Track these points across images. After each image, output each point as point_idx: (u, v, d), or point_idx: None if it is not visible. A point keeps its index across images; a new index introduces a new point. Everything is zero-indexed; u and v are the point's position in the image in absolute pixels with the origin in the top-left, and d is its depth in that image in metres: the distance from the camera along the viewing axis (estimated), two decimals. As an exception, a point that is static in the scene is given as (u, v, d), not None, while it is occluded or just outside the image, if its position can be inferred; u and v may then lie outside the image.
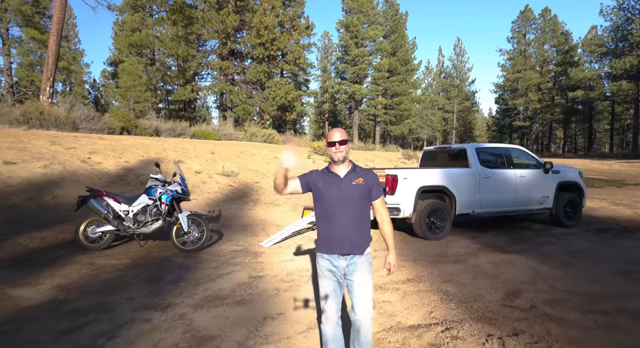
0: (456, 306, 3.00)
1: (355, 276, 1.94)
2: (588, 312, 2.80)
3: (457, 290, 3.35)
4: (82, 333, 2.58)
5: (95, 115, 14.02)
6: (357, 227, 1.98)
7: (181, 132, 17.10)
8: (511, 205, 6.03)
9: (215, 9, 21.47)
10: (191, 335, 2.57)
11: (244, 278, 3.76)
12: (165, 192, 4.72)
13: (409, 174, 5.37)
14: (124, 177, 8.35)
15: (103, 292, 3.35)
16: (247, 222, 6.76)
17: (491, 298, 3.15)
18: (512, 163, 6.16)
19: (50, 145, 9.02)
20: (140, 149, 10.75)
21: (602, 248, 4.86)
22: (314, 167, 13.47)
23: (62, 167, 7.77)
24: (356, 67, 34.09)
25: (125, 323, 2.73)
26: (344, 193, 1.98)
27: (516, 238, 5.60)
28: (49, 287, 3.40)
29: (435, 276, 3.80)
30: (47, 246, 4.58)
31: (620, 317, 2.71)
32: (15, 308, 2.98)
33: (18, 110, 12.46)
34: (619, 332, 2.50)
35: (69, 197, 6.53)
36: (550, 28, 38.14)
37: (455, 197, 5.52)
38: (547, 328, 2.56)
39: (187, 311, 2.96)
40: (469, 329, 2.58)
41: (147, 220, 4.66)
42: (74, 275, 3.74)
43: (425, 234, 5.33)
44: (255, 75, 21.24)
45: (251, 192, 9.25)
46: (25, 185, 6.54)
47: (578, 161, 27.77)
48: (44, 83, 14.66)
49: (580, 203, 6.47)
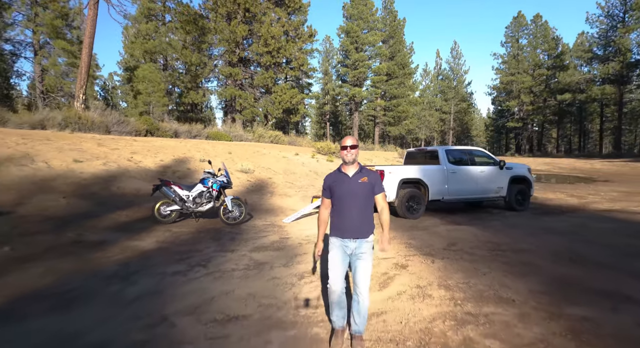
0: (414, 249, 4.80)
1: (360, 263, 2.37)
2: (491, 250, 4.60)
3: (417, 243, 5.15)
4: (189, 260, 4.38)
5: (124, 119, 15.82)
6: (363, 216, 2.41)
7: (197, 134, 18.87)
8: (473, 193, 7.82)
9: (226, 20, 23.26)
10: (253, 262, 4.37)
11: (276, 239, 5.56)
12: (215, 181, 6.53)
13: (393, 169, 7.16)
14: (163, 173, 10.11)
15: (188, 244, 5.15)
16: (268, 207, 8.55)
17: (437, 246, 4.95)
18: (474, 161, 7.95)
19: (98, 147, 10.81)
20: (169, 150, 12.52)
21: (530, 222, 6.68)
22: (318, 166, 15.32)
23: (116, 165, 9.57)
24: (356, 71, 35.86)
25: (211, 258, 4.53)
26: (352, 189, 2.40)
27: (473, 218, 7.40)
28: (152, 241, 5.20)
29: (405, 237, 5.59)
30: (132, 220, 6.38)
31: (508, 252, 4.52)
32: (139, 250, 4.78)
33: (60, 115, 14.21)
34: (502, 257, 4.30)
35: (129, 188, 8.34)
36: (541, 33, 39.94)
37: (428, 187, 7.32)
38: (462, 256, 4.37)
39: (246, 253, 4.76)
40: (418, 258, 4.38)
41: (202, 202, 6.46)
42: (163, 236, 5.54)
43: (405, 214, 7.13)
44: (263, 81, 23.02)
45: (267, 186, 11.05)
46: (94, 179, 8.35)
47: (565, 160, 29.55)
48: (78, 91, 16.49)
49: (529, 193, 8.27)
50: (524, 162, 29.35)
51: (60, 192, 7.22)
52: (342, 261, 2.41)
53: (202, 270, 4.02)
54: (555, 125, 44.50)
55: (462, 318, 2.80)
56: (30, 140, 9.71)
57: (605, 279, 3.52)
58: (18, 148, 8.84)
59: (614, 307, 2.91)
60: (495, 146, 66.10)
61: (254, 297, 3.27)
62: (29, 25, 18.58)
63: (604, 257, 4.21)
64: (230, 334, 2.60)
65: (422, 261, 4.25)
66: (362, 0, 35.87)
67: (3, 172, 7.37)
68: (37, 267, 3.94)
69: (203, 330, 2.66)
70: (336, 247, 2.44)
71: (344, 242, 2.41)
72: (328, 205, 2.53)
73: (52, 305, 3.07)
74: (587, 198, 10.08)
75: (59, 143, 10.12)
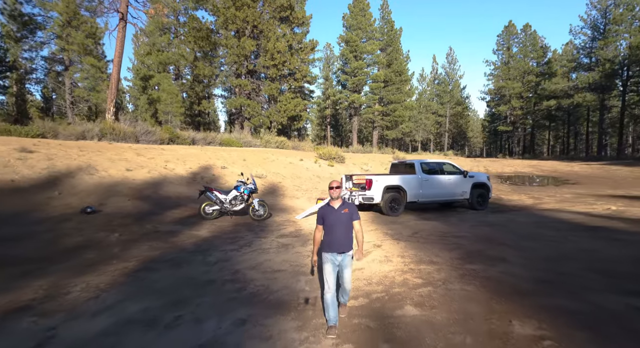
0: (388, 236, 7.00)
1: (345, 270, 3.34)
2: (440, 236, 6.81)
3: (391, 232, 7.36)
4: (238, 243, 6.58)
5: (151, 130, 18.00)
6: (345, 236, 3.31)
7: (211, 141, 21.01)
8: (442, 196, 10.03)
9: (235, 35, 25.44)
10: (280, 244, 6.56)
11: (292, 230, 7.76)
12: (246, 188, 8.73)
13: (379, 178, 9.36)
14: (193, 179, 12.30)
15: (232, 233, 7.36)
16: (282, 207, 10.76)
17: (404, 234, 7.16)
18: (443, 171, 10.15)
19: (137, 157, 13.01)
20: (194, 158, 14.70)
21: (478, 218, 8.89)
22: (320, 171, 17.53)
23: (157, 172, 11.77)
24: (355, 78, 38.01)
25: (251, 241, 6.73)
26: (337, 218, 3.30)
27: (440, 215, 9.60)
28: (206, 231, 7.41)
29: (384, 229, 7.79)
30: (184, 217, 8.58)
31: (450, 237, 6.73)
32: (200, 237, 6.98)
33: (97, 127, 16.36)
34: (445, 240, 6.50)
35: (172, 192, 10.54)
36: (530, 42, 42.13)
37: (406, 192, 9.52)
38: (419, 239, 6.58)
39: (274, 239, 6.96)
40: (389, 241, 6.59)
41: (236, 203, 8.67)
42: (211, 228, 7.74)
43: (388, 213, 9.32)
44: (269, 91, 25.22)
45: (278, 189, 13.25)
46: (144, 184, 10.55)
47: (549, 163, 31.69)
48: (109, 104, 18.70)
49: (487, 196, 10.46)
50: (513, 164, 31.60)
51: (124, 195, 9.44)
52: (333, 271, 3.30)
53: (248, 248, 6.22)
54: (546, 129, 46.74)
55: (405, 270, 4.99)
56: (87, 151, 11.92)
57: (499, 251, 5.72)
58: (80, 159, 11.05)
59: (493, 264, 5.10)
60: (493, 147, 68.35)
61: (286, 261, 5.47)
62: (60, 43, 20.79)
63: (507, 240, 6.42)
64: (277, 277, 4.79)
65: (391, 243, 6.46)
66: (361, 12, 38.00)
67: (81, 179, 9.59)
68: (143, 246, 6.15)
69: (262, 275, 4.86)
70: (329, 261, 3.30)
71: (333, 256, 3.29)
72: (321, 229, 3.42)
73: (168, 265, 5.26)
74: (542, 200, 12.27)
75: (108, 154, 12.32)
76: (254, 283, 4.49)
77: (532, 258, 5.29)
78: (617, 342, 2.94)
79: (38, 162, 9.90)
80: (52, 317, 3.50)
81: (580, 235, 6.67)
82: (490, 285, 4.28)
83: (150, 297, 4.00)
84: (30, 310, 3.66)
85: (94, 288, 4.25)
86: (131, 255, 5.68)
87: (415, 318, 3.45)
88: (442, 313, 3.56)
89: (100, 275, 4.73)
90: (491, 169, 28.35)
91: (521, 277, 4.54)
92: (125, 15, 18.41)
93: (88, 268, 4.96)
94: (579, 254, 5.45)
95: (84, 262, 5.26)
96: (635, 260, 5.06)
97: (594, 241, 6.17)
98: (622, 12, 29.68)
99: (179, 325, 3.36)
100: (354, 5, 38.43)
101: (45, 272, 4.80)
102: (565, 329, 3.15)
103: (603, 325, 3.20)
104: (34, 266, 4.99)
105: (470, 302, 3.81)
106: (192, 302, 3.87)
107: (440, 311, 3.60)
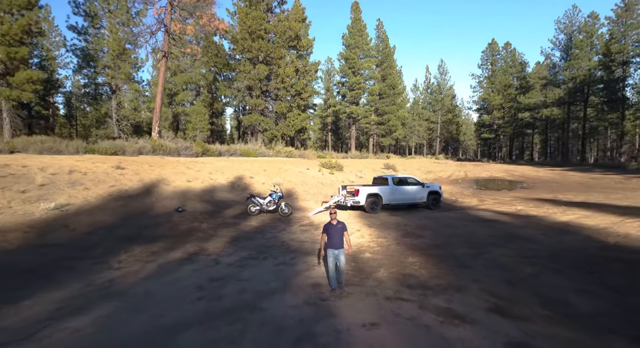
0: (365, 226, 11.66)
1: (340, 258, 5.64)
2: (396, 225, 11.49)
3: (368, 223, 12.04)
4: (277, 229, 11.25)
5: (188, 145, 22.65)
6: (339, 240, 5.71)
7: (233, 152, 25.63)
8: (407, 200, 14.69)
9: (250, 62, 30.09)
10: (302, 229, 11.22)
11: (308, 222, 12.42)
12: (277, 195, 13.40)
13: (364, 188, 14.01)
14: (232, 187, 16.91)
15: (271, 224, 12.02)
16: (298, 207, 15.40)
17: (376, 224, 11.83)
18: (408, 183, 14.81)
19: (188, 169, 17.66)
20: (228, 170, 19.32)
21: (427, 215, 13.54)
22: (323, 178, 22.28)
23: (207, 183, 16.43)
24: (353, 92, 42.68)
25: (284, 228, 11.39)
26: (335, 230, 5.74)
27: (405, 213, 14.24)
28: (255, 223, 12.07)
29: (365, 221, 12.44)
30: (237, 214, 13.22)
31: (402, 225, 11.41)
32: (253, 226, 11.64)
33: (149, 144, 20.92)
34: (400, 227, 11.18)
35: (221, 197, 15.20)
36: (510, 58, 46.75)
37: (382, 197, 14.17)
38: (385, 227, 11.27)
39: (298, 227, 11.62)
40: (366, 228, 11.26)
41: (270, 205, 13.33)
42: (257, 220, 12.39)
43: (369, 211, 13.96)
44: (280, 109, 29.90)
45: (293, 194, 17.90)
46: (203, 192, 15.19)
47: (520, 168, 36.33)
48: (154, 124, 23.36)
49: (439, 200, 15.12)
50: (491, 169, 36.29)
51: (193, 200, 14.10)
52: (333, 262, 5.69)
53: (284, 231, 10.86)
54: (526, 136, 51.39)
55: (370, 241, 9.63)
56: (155, 167, 16.56)
57: (423, 232, 10.36)
58: (154, 173, 15.71)
59: (416, 238, 9.74)
60: (485, 150, 73.03)
61: (307, 237, 10.11)
62: (111, 73, 25.50)
63: (432, 226, 11.07)
64: (304, 246, 9.42)
65: (367, 228, 11.11)
66: (359, 32, 42.61)
67: (162, 189, 14.25)
68: (224, 230, 10.80)
69: (296, 243, 9.49)
70: (330, 254, 5.69)
71: (333, 252, 5.67)
72: (324, 237, 5.85)
73: (245, 238, 9.90)
74: (484, 202, 16.91)
75: (168, 168, 16.96)
76: (292, 246, 9.17)
77: (438, 235, 9.96)
78: (447, 263, 7.57)
79: (132, 176, 14.55)
80: (210, 256, 8.15)
81: (476, 224, 11.33)
82: (409, 247, 8.94)
83: (247, 250, 8.65)
84: (198, 255, 8.30)
85: (219, 248, 8.91)
86: (222, 234, 10.34)
87: (370, 258, 8.09)
88: (381, 256, 8.21)
89: (215, 243, 9.40)
90: (470, 174, 32.90)
91: (427, 244, 9.20)
92: (167, 53, 23.06)
93: (205, 240, 9.63)
94: (464, 233, 10.12)
95: (200, 237, 9.93)
96: (489, 236, 9.71)
97: (479, 227, 10.83)
98: (582, 39, 34.22)
99: (266, 259, 7.99)
100: (352, 26, 43.02)
101: (185, 241, 9.46)
102: (431, 260, 7.79)
103: (449, 260, 7.85)
104: (176, 239, 9.65)
105: (396, 252, 8.47)
106: (268, 252, 8.52)
107: (381, 255, 8.25)
